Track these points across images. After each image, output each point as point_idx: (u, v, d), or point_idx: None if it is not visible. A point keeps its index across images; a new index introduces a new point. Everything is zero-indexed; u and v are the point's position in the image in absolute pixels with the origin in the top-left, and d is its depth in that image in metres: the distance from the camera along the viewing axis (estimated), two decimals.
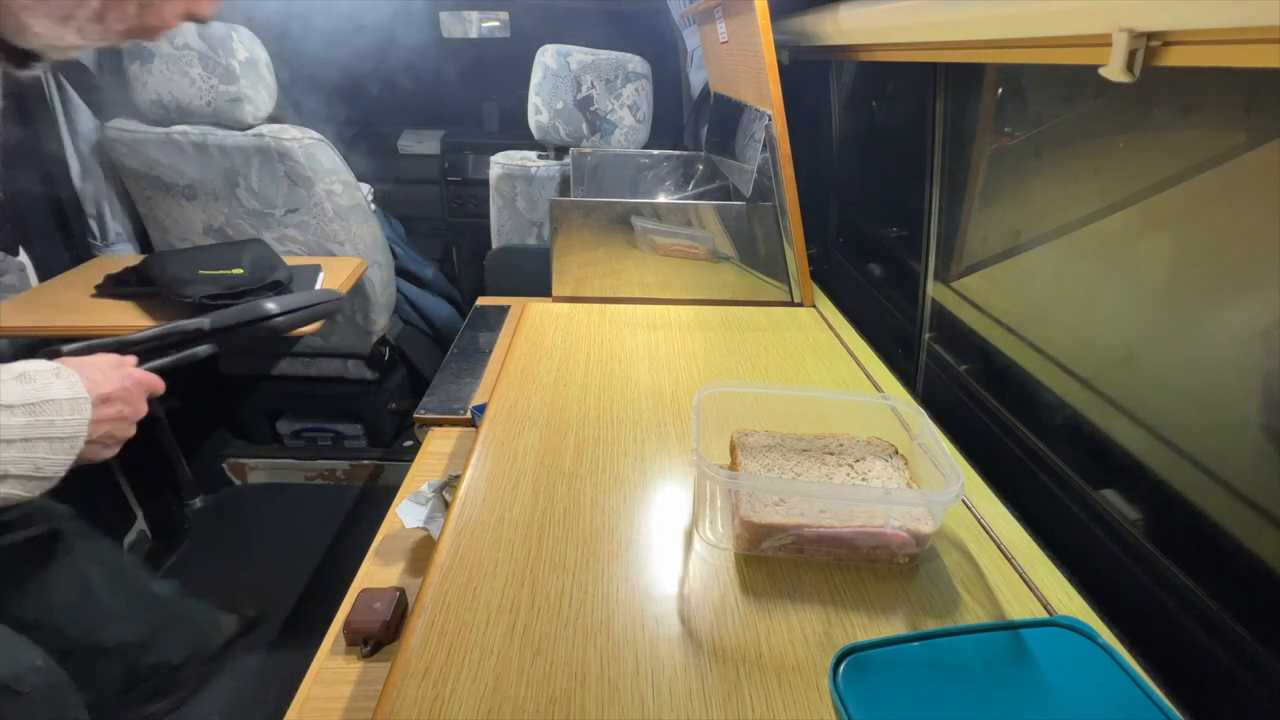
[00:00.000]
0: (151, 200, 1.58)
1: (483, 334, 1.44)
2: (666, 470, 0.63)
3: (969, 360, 0.85)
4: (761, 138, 1.00)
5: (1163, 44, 0.44)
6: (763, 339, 0.91)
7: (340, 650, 0.85)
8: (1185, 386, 0.54)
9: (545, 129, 1.69)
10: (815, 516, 0.50)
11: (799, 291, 1.04)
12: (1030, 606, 0.49)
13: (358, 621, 0.84)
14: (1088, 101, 0.65)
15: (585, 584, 0.49)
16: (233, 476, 1.85)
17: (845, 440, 0.61)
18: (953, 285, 0.90)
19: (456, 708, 0.40)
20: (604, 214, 1.04)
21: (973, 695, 0.41)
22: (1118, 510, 0.57)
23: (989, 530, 0.57)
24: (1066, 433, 0.66)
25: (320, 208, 1.53)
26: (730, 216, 1.04)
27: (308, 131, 1.50)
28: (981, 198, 0.84)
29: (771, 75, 0.94)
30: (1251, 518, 0.48)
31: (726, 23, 1.15)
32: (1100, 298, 0.64)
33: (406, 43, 2.25)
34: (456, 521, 0.55)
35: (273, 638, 1.31)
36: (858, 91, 1.27)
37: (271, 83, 1.51)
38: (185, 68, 1.43)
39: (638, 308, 1.00)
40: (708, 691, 0.41)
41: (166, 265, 1.31)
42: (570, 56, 1.65)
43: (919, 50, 0.82)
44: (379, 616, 0.84)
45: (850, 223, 1.35)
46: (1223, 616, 0.47)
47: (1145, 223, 0.58)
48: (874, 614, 0.48)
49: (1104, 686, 0.42)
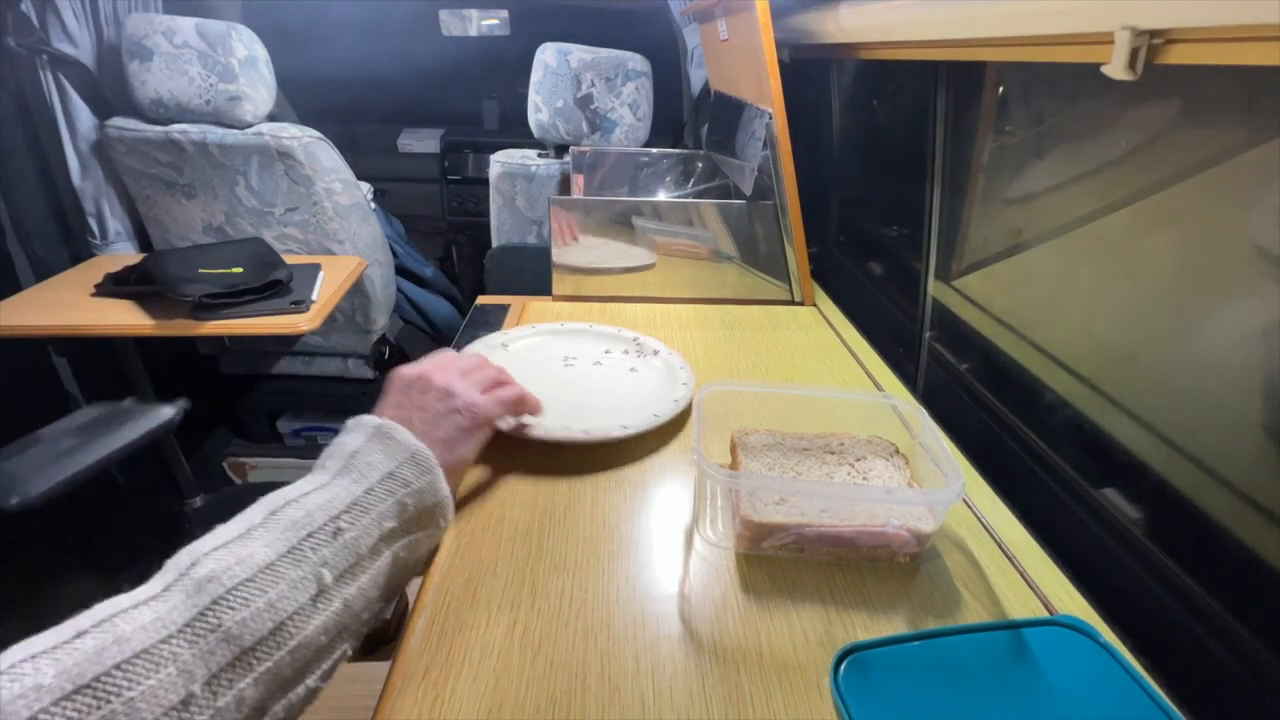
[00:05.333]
0: (151, 199, 1.58)
1: (482, 333, 1.43)
2: (667, 469, 0.63)
3: (970, 359, 0.85)
4: (762, 136, 1.00)
5: (1165, 42, 0.44)
6: (763, 338, 0.91)
7: None
8: (1186, 385, 0.54)
9: (545, 127, 1.69)
10: (816, 516, 0.50)
11: (799, 290, 1.04)
12: (1031, 606, 0.49)
13: None
14: (1089, 100, 0.64)
15: (585, 584, 0.49)
16: (233, 476, 1.85)
17: (846, 439, 0.61)
18: (954, 284, 0.90)
19: (456, 708, 0.40)
20: (604, 213, 1.04)
21: (973, 694, 0.41)
22: (1119, 509, 0.57)
23: (990, 529, 0.57)
24: (1067, 432, 0.66)
25: (320, 206, 1.53)
26: (730, 215, 1.04)
27: (307, 130, 1.50)
28: (982, 196, 0.84)
29: (772, 73, 0.94)
30: (1253, 517, 0.47)
31: (727, 20, 1.14)
32: (1102, 296, 0.64)
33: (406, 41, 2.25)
34: (456, 521, 0.55)
35: None
36: (858, 90, 1.27)
37: (271, 81, 1.51)
38: (184, 66, 1.43)
39: (637, 306, 1.00)
40: (708, 691, 0.41)
41: (166, 264, 1.31)
42: (570, 55, 1.64)
43: (920, 48, 0.82)
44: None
45: (851, 221, 1.34)
46: (1224, 615, 0.47)
47: (1147, 221, 0.58)
48: (875, 613, 0.48)
49: (1105, 686, 0.42)
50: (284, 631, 0.34)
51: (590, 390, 0.73)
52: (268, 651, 0.33)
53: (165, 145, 1.48)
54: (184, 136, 1.47)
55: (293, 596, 0.35)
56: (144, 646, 0.30)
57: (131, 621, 0.31)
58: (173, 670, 0.30)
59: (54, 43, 1.46)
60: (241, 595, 0.33)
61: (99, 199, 1.58)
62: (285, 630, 0.34)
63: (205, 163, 1.50)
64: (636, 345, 0.83)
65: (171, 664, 0.30)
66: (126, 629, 0.31)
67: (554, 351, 0.81)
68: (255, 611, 0.33)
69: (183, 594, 0.33)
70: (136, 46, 1.43)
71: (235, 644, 0.32)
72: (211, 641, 0.31)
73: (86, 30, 1.51)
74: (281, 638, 0.34)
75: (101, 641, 0.30)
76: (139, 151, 1.50)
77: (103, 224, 1.60)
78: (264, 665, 0.32)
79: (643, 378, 0.77)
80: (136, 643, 0.30)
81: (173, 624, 0.31)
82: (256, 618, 0.33)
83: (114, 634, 0.30)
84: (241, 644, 0.32)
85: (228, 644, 0.32)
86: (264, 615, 0.33)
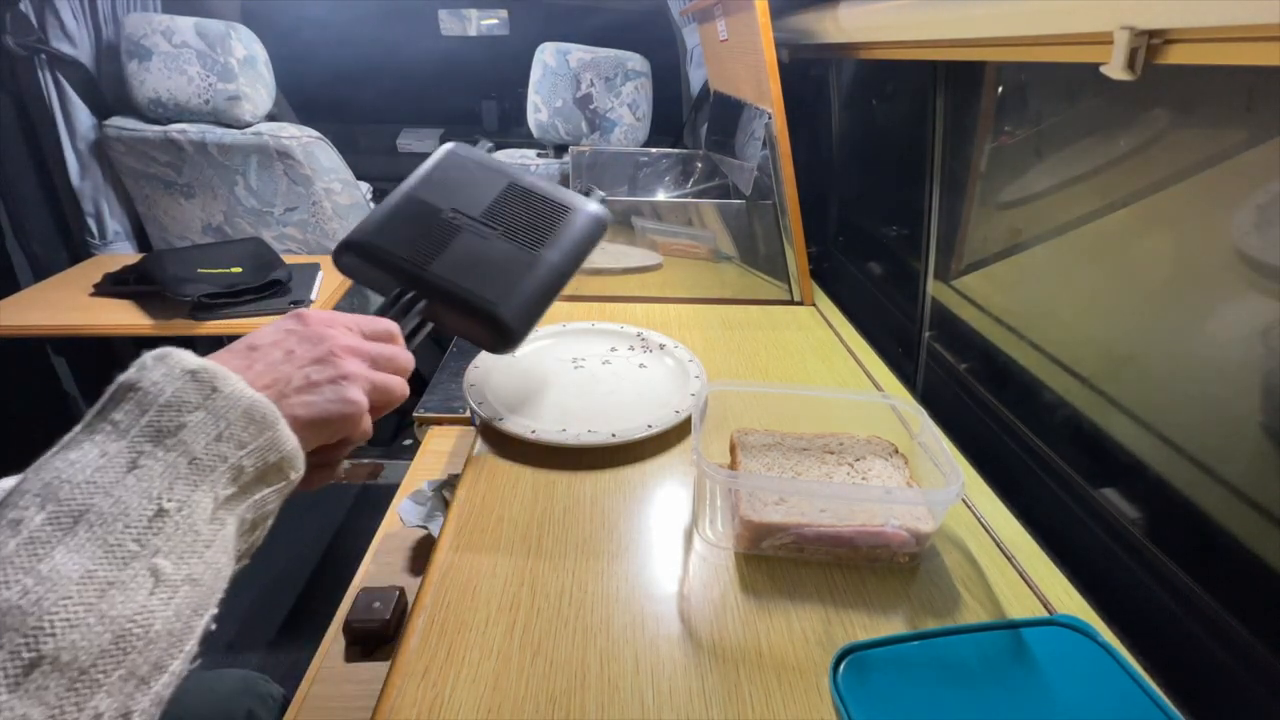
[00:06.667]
0: (150, 199, 1.58)
1: None
2: (666, 469, 0.63)
3: (969, 359, 0.85)
4: (761, 136, 1.00)
5: (1164, 42, 0.44)
6: (762, 338, 0.91)
7: (340, 649, 0.85)
8: (1185, 385, 0.54)
9: (544, 127, 1.69)
10: (815, 515, 0.50)
11: (799, 290, 1.04)
12: (1030, 605, 0.49)
13: (357, 621, 0.84)
14: (1088, 99, 0.64)
15: (585, 583, 0.49)
16: None
17: (845, 439, 0.61)
18: (953, 284, 0.90)
19: (456, 707, 0.40)
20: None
21: (973, 694, 0.41)
22: (1118, 509, 0.57)
23: (989, 529, 0.57)
24: (1066, 431, 0.66)
25: (319, 206, 1.53)
26: (730, 215, 1.04)
27: (306, 130, 1.50)
28: (981, 196, 0.84)
29: (771, 73, 0.94)
30: (1251, 516, 0.47)
31: (726, 20, 1.14)
32: (1101, 296, 0.64)
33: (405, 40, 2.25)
34: (456, 521, 0.55)
35: (272, 637, 1.31)
36: (858, 90, 1.27)
37: (270, 81, 1.51)
38: (183, 66, 1.43)
39: (637, 306, 1.00)
40: (708, 691, 0.41)
41: (165, 264, 1.31)
42: (570, 54, 1.64)
43: (919, 48, 0.82)
44: (379, 615, 0.84)
45: (850, 221, 1.34)
46: (1223, 615, 0.47)
47: (1146, 221, 0.58)
48: (874, 613, 0.48)
49: (1104, 686, 0.42)
50: (128, 637, 0.28)
51: (605, 391, 0.73)
52: (114, 661, 0.28)
53: (164, 145, 1.48)
54: (183, 136, 1.47)
55: (127, 598, 0.29)
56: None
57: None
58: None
59: (53, 42, 1.46)
60: (61, 617, 0.27)
61: (98, 199, 1.58)
62: (130, 635, 0.28)
63: (204, 162, 1.50)
64: (641, 340, 0.83)
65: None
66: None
67: (562, 354, 0.81)
68: (85, 631, 0.27)
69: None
70: (135, 46, 1.43)
71: (70, 669, 0.26)
72: (39, 677, 0.26)
73: (85, 30, 1.51)
74: (127, 643, 0.28)
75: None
76: (138, 151, 1.50)
77: (101, 224, 1.60)
78: (115, 674, 0.28)
79: (653, 374, 0.77)
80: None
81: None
82: (88, 636, 0.27)
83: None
84: (78, 666, 0.27)
85: (60, 673, 0.26)
86: (96, 630, 0.27)
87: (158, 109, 1.46)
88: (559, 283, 0.64)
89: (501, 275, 0.61)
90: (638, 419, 0.66)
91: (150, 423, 0.33)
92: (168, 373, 0.34)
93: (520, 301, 0.60)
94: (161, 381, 0.34)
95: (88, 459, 0.31)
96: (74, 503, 0.30)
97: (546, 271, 0.63)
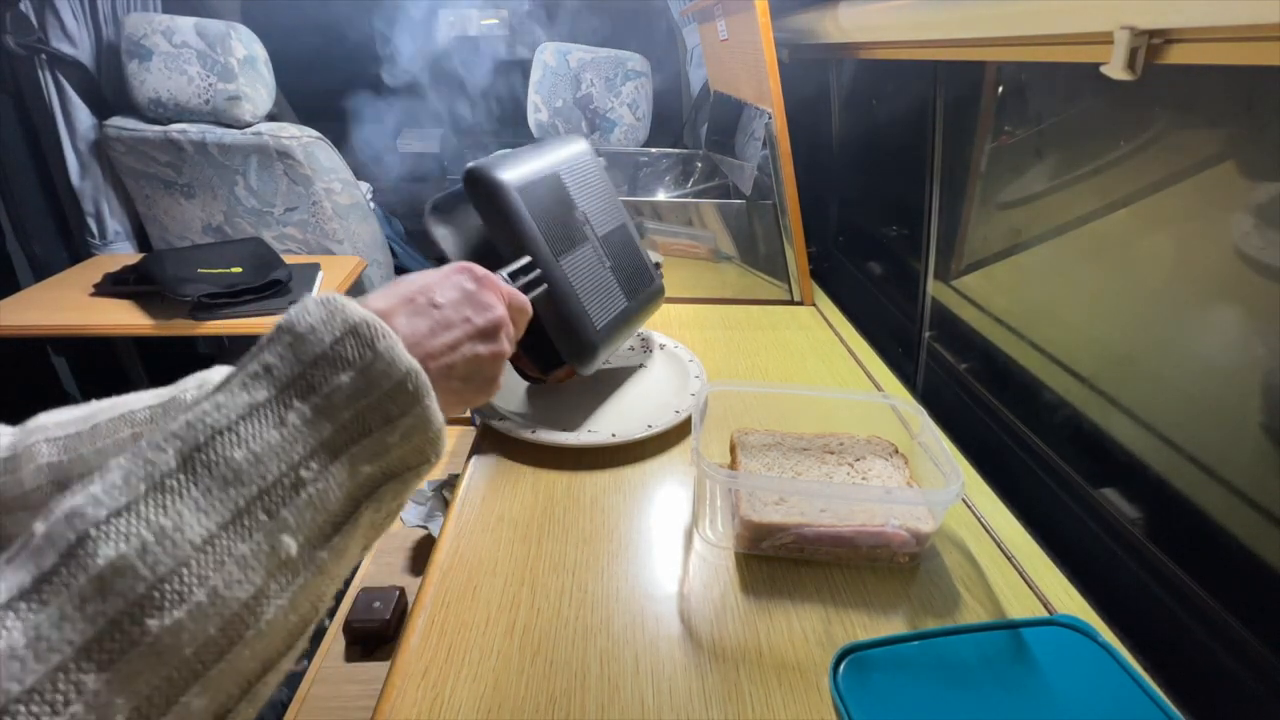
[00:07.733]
0: (150, 198, 1.58)
1: None
2: (666, 469, 0.63)
3: (969, 359, 0.85)
4: (761, 136, 1.00)
5: (1164, 42, 0.44)
6: (762, 338, 0.91)
7: (340, 649, 0.85)
8: (1185, 385, 0.54)
9: (545, 127, 1.69)
10: (815, 515, 0.50)
11: (799, 290, 1.04)
12: (1030, 605, 0.49)
13: (357, 620, 0.84)
14: (1088, 99, 0.64)
15: (585, 583, 0.49)
16: None
17: (845, 439, 0.61)
18: (953, 284, 0.90)
19: (456, 707, 0.40)
20: None
21: (973, 694, 0.41)
22: (1118, 509, 0.57)
23: (989, 529, 0.57)
24: (1067, 431, 0.66)
25: (319, 206, 1.53)
26: (730, 215, 1.04)
27: (306, 130, 1.50)
28: (981, 196, 0.84)
29: (771, 73, 0.94)
30: (1252, 516, 0.47)
31: (726, 20, 1.14)
32: (1101, 296, 0.64)
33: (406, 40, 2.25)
34: (456, 520, 0.55)
35: None
36: (858, 90, 1.27)
37: (270, 80, 1.51)
38: (184, 65, 1.43)
39: None
40: (708, 691, 0.41)
41: (165, 264, 1.31)
42: (570, 54, 1.64)
43: (919, 48, 0.82)
44: (379, 615, 0.84)
45: (850, 221, 1.34)
46: (1223, 615, 0.47)
47: (1146, 221, 0.58)
48: (874, 613, 0.48)
49: (1104, 686, 0.42)
50: (237, 624, 0.24)
51: (605, 391, 0.73)
52: (217, 652, 0.24)
53: (164, 145, 1.48)
54: (183, 136, 1.47)
55: (246, 579, 0.25)
56: (29, 686, 0.20)
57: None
58: (79, 709, 0.21)
59: (53, 42, 1.46)
60: (173, 589, 0.23)
61: (98, 199, 1.58)
62: (238, 622, 0.25)
63: (204, 162, 1.50)
64: (642, 340, 0.83)
65: (77, 700, 0.21)
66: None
67: None
68: (192, 610, 0.23)
69: (74, 598, 0.22)
70: (135, 46, 1.43)
71: (169, 656, 0.23)
72: (133, 660, 0.22)
73: (85, 30, 1.51)
74: (235, 630, 0.24)
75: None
76: (138, 151, 1.50)
77: (101, 224, 1.60)
78: (215, 668, 0.24)
79: (653, 373, 0.77)
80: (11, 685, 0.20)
81: (64, 647, 0.21)
82: (196, 617, 0.23)
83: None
84: (179, 655, 0.23)
85: (157, 658, 0.22)
86: (206, 612, 0.23)
87: (158, 109, 1.46)
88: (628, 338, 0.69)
89: (605, 312, 0.64)
90: (638, 419, 0.66)
91: (302, 375, 0.29)
92: (328, 320, 0.30)
93: (608, 343, 0.63)
94: (320, 330, 0.30)
95: (235, 403, 0.27)
96: (211, 451, 0.26)
97: (629, 326, 0.67)
